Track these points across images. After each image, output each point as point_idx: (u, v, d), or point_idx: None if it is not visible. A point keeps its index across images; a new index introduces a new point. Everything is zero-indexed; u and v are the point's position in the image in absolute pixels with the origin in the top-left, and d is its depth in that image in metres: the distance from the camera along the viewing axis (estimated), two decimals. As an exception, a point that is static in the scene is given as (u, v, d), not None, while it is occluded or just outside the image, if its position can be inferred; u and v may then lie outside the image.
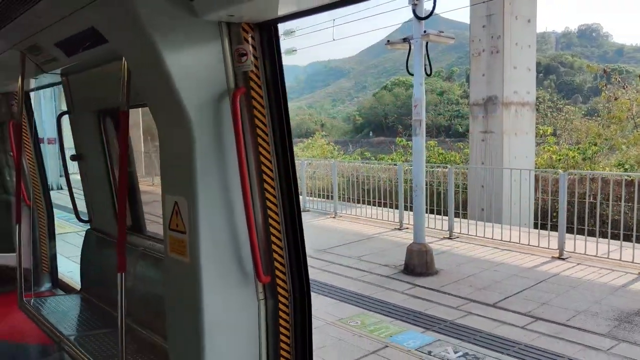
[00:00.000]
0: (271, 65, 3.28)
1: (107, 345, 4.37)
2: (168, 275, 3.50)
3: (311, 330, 3.57)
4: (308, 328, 3.55)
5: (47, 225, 7.11)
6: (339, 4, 2.85)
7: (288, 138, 3.39)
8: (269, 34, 3.25)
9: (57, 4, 3.60)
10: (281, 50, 3.46)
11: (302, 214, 3.73)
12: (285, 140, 3.41)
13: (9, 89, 7.16)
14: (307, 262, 3.51)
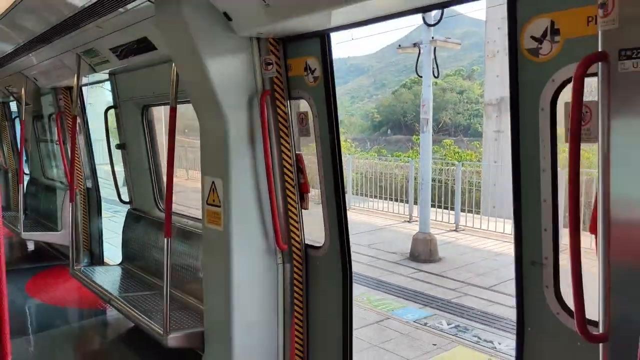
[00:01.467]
0: (323, 71, 3.78)
1: (149, 302, 5.18)
2: (205, 241, 4.28)
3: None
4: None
5: (96, 206, 7.96)
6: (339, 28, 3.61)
7: (338, 135, 3.86)
8: (323, 45, 3.74)
9: (119, 18, 4.37)
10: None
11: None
12: (335, 137, 3.87)
13: (59, 85, 8.03)
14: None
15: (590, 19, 2.45)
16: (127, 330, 5.86)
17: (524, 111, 2.78)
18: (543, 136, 2.73)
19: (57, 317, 6.40)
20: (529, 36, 2.70)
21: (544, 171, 2.76)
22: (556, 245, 2.81)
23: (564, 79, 2.61)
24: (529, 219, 2.87)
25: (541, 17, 2.65)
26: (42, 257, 9.21)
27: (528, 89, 2.75)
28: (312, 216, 4.31)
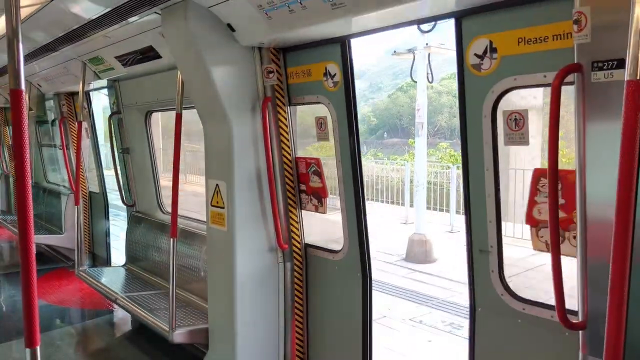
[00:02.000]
0: (344, 76, 3.86)
1: (154, 301, 5.35)
2: (209, 241, 4.47)
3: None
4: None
5: (103, 210, 8.12)
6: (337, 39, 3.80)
7: (357, 139, 3.90)
8: (344, 50, 3.80)
9: (125, 28, 4.56)
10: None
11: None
12: (355, 141, 3.93)
13: (62, 91, 8.22)
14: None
15: (520, 39, 2.83)
16: (131, 330, 6.04)
17: (470, 118, 3.16)
18: (486, 139, 3.09)
19: (63, 317, 6.57)
20: (473, 53, 3.08)
21: (487, 170, 3.13)
22: (499, 235, 3.17)
23: (502, 90, 2.98)
24: (477, 212, 3.24)
25: (482, 38, 3.01)
26: (44, 260, 9.37)
27: (473, 99, 3.12)
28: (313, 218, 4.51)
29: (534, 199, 2.97)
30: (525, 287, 5.30)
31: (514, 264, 7.84)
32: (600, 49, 2.35)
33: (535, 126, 11.42)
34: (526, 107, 3.06)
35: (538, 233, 2.99)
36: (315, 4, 3.28)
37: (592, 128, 2.44)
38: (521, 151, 22.09)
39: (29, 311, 2.15)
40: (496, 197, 3.15)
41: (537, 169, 2.98)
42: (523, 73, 2.89)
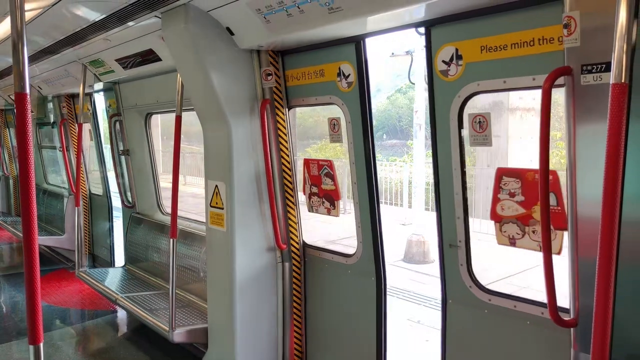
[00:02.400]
0: (358, 76, 3.80)
1: (153, 302, 5.41)
2: (209, 241, 4.52)
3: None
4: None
5: (107, 212, 8.16)
6: (330, 42, 3.86)
7: (372, 141, 3.85)
8: (359, 50, 3.71)
9: (126, 31, 4.62)
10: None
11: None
12: (370, 142, 3.92)
13: (62, 93, 8.27)
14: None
15: (483, 47, 3.01)
16: (131, 330, 6.09)
17: (439, 121, 3.36)
18: (453, 141, 3.28)
19: (64, 318, 6.62)
20: (441, 60, 3.27)
21: (455, 169, 3.34)
22: (467, 230, 3.37)
23: (467, 94, 3.18)
24: (446, 210, 3.45)
25: (449, 45, 3.18)
26: (45, 262, 9.42)
27: (441, 103, 3.32)
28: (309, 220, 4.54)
29: (497, 197, 3.15)
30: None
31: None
32: (590, 53, 2.41)
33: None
34: (489, 111, 3.27)
35: (501, 228, 3.17)
36: (312, 8, 3.34)
37: (582, 129, 2.50)
38: (520, 153, 22.07)
39: (33, 309, 2.20)
40: (463, 195, 3.37)
41: (500, 168, 3.15)
42: (485, 79, 3.07)
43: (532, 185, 2.98)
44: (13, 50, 2.16)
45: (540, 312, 3.07)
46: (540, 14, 2.81)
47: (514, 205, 3.07)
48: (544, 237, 2.62)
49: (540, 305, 3.08)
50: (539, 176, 2.58)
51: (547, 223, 2.60)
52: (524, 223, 3.05)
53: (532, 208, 2.99)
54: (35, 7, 4.14)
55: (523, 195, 3.03)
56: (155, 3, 3.79)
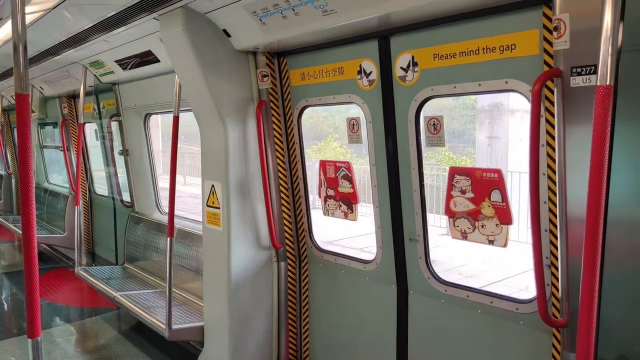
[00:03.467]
0: (382, 74, 3.63)
1: (151, 300, 5.46)
2: (205, 240, 4.58)
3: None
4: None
5: (112, 211, 8.18)
6: (330, 43, 3.90)
7: (395, 142, 3.71)
8: (382, 46, 3.57)
9: (125, 32, 4.68)
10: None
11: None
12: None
13: (62, 93, 8.34)
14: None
15: (435, 55, 3.28)
16: (129, 328, 6.15)
17: (398, 123, 3.56)
18: (411, 142, 3.51)
19: (62, 315, 6.68)
20: (399, 67, 3.48)
21: (413, 169, 3.57)
22: (425, 225, 3.59)
23: (422, 98, 3.39)
24: (406, 206, 3.65)
25: (406, 53, 3.39)
26: (45, 260, 9.49)
27: (400, 107, 3.53)
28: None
29: (450, 194, 3.35)
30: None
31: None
32: (579, 55, 2.47)
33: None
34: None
35: (455, 223, 3.37)
36: (306, 10, 3.40)
37: (572, 131, 2.56)
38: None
39: (31, 304, 2.26)
40: (421, 192, 3.59)
41: (452, 167, 3.40)
42: (438, 84, 3.29)
43: (480, 183, 3.18)
44: (14, 52, 2.22)
45: (489, 301, 3.30)
46: (485, 25, 3.00)
47: (465, 201, 3.29)
48: (534, 237, 2.67)
49: (489, 295, 3.32)
50: (530, 178, 2.64)
51: (538, 224, 2.65)
52: (473, 218, 3.25)
53: (481, 204, 3.20)
54: (37, 10, 4.21)
55: (473, 192, 3.23)
56: (153, 5, 3.85)
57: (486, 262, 10.30)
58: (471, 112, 54.97)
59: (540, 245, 2.71)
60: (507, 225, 3.15)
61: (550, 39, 2.70)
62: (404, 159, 3.62)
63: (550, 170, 2.81)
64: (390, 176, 3.74)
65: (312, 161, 22.56)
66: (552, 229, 2.87)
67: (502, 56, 2.96)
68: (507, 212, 3.13)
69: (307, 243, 4.58)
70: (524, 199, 15.86)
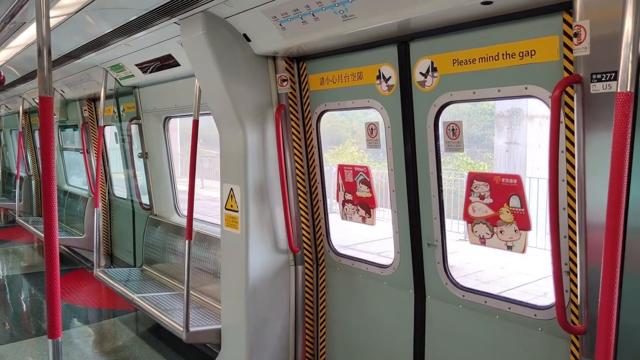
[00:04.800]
0: (401, 78, 3.61)
1: (169, 302, 5.50)
2: (223, 243, 4.60)
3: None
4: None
5: (131, 214, 8.27)
6: (349, 48, 3.91)
7: (414, 147, 3.69)
8: (401, 51, 3.56)
9: (146, 36, 4.74)
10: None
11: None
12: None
13: (83, 96, 8.47)
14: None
15: (454, 61, 3.29)
16: (147, 330, 6.20)
17: (417, 128, 3.57)
18: (430, 147, 3.54)
19: (81, 316, 6.76)
20: (418, 72, 3.49)
21: (432, 174, 3.57)
22: (443, 230, 3.59)
23: (442, 104, 3.42)
24: (425, 211, 3.65)
25: (425, 58, 3.41)
26: (65, 261, 9.62)
27: (419, 112, 3.54)
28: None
29: (469, 199, 3.34)
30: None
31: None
32: (599, 61, 2.44)
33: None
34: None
35: (473, 229, 3.36)
36: (326, 15, 3.41)
37: (592, 137, 2.53)
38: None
39: (52, 305, 2.30)
40: (439, 198, 3.58)
41: (471, 172, 3.39)
42: (457, 89, 3.30)
43: (499, 189, 3.17)
44: (38, 56, 2.26)
45: (507, 307, 3.28)
46: (505, 31, 2.99)
47: (484, 207, 3.28)
48: (553, 243, 2.65)
49: (508, 301, 3.29)
50: (549, 185, 2.62)
51: (557, 230, 2.63)
52: (492, 224, 3.24)
53: (499, 210, 3.19)
54: (60, 13, 4.28)
55: (491, 198, 3.22)
56: (174, 10, 3.89)
57: (504, 268, 10.21)
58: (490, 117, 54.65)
59: (559, 251, 2.68)
60: (525, 231, 3.14)
61: (570, 45, 2.68)
62: (422, 164, 3.61)
63: (569, 177, 2.79)
64: (409, 181, 3.73)
65: (329, 165, 22.56)
66: (571, 235, 2.84)
67: (521, 62, 2.95)
68: (526, 217, 3.12)
69: (325, 247, 4.57)
70: (542, 205, 15.74)
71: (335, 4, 3.28)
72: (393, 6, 3.08)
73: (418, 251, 3.76)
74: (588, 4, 2.45)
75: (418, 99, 3.54)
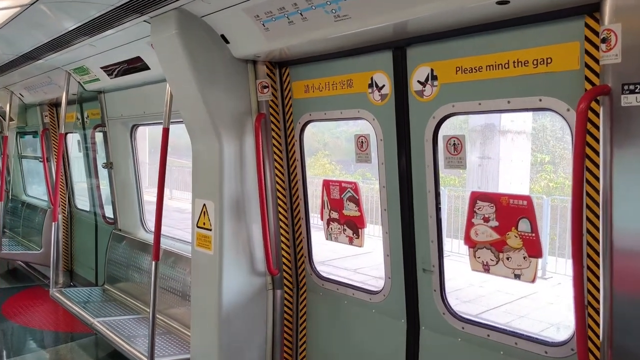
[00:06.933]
0: (396, 87, 3.33)
1: (132, 327, 5.03)
2: (194, 265, 4.18)
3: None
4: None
5: (94, 228, 7.72)
6: (338, 53, 3.58)
7: (409, 162, 3.39)
8: (397, 57, 3.28)
9: (112, 36, 4.33)
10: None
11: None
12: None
13: (44, 101, 7.94)
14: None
15: (458, 68, 2.96)
16: (106, 354, 5.69)
17: (413, 142, 3.25)
18: (427, 162, 3.22)
19: (34, 340, 6.19)
20: (416, 80, 3.18)
21: (429, 192, 3.24)
22: (441, 254, 3.26)
23: (442, 116, 3.11)
24: (420, 233, 3.32)
25: (424, 65, 3.10)
26: (19, 278, 8.97)
27: (416, 124, 3.22)
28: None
29: (471, 221, 3.04)
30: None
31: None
32: (632, 70, 2.16)
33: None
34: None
35: (475, 254, 3.05)
36: (316, 15, 3.07)
37: (620, 155, 2.24)
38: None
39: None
40: (437, 218, 3.26)
41: (473, 192, 3.07)
42: (460, 100, 2.99)
43: (507, 211, 2.89)
44: None
45: (514, 342, 2.95)
46: (516, 36, 2.71)
47: (488, 230, 2.98)
48: (575, 272, 2.35)
49: (514, 335, 2.97)
50: (572, 206, 2.32)
51: (580, 257, 2.33)
52: (497, 249, 2.96)
53: (507, 234, 2.90)
54: (13, 4, 3.83)
55: (497, 221, 2.93)
56: (144, 6, 3.51)
57: (483, 286, 10.02)
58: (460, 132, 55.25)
59: (583, 282, 2.39)
60: (536, 258, 2.84)
61: (594, 52, 2.41)
62: (418, 180, 3.29)
63: (589, 200, 2.50)
64: (403, 199, 3.39)
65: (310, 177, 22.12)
66: (590, 264, 2.55)
67: (535, 71, 2.66)
68: (536, 243, 2.82)
69: (307, 269, 4.20)
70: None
71: (327, 2, 2.94)
72: (394, 6, 2.76)
73: (412, 277, 3.42)
74: (620, 6, 2.17)
75: (415, 109, 3.23)
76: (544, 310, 8.40)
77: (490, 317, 8.05)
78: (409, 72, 3.22)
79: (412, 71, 3.20)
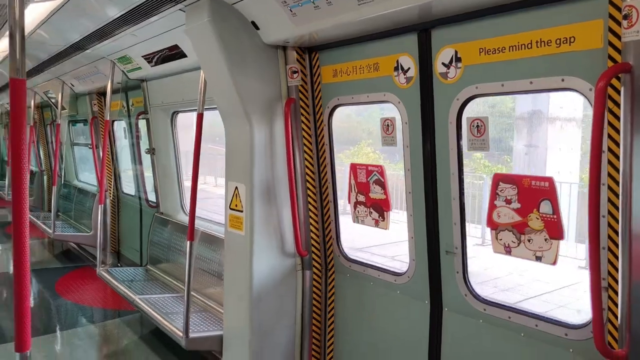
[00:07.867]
0: (421, 70, 3.34)
1: (171, 305, 5.25)
2: (227, 245, 4.33)
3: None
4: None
5: (139, 211, 8.06)
6: (364, 37, 3.61)
7: (433, 145, 3.41)
8: (422, 40, 3.27)
9: (152, 25, 4.50)
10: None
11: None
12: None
13: (92, 90, 8.29)
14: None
15: (481, 50, 2.97)
16: (149, 332, 5.97)
17: (438, 125, 3.25)
18: (451, 145, 3.22)
19: (83, 316, 6.55)
20: (440, 62, 3.18)
21: (452, 174, 3.25)
22: (464, 237, 3.28)
23: (466, 97, 3.11)
24: (443, 215, 3.33)
25: (448, 47, 3.15)
26: (71, 258, 9.46)
27: (440, 107, 3.22)
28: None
29: (493, 203, 3.02)
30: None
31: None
32: None
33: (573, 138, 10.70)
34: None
35: (497, 236, 3.04)
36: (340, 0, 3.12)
37: None
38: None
39: (21, 314, 2.04)
40: (460, 200, 3.27)
41: (497, 174, 3.05)
42: (483, 82, 2.99)
43: (528, 192, 2.87)
44: (10, 38, 2.05)
45: (534, 324, 2.95)
46: (539, 16, 2.67)
47: (510, 212, 2.96)
48: (592, 255, 2.33)
49: (534, 317, 2.97)
50: (589, 189, 2.30)
51: (597, 239, 2.31)
52: (519, 231, 2.95)
53: (528, 216, 2.89)
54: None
55: (519, 203, 2.92)
56: (179, -5, 3.65)
57: (523, 275, 9.84)
58: (508, 120, 53.22)
59: (599, 264, 2.36)
60: (557, 240, 2.81)
61: (617, 29, 2.36)
62: (442, 163, 3.29)
63: (611, 180, 2.47)
64: (427, 182, 3.41)
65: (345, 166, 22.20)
66: (611, 246, 2.52)
67: (558, 50, 2.63)
68: (558, 225, 2.80)
69: (335, 251, 4.28)
70: (564, 211, 15.23)
71: (350, -14, 2.99)
72: None
73: (435, 259, 3.45)
74: (641, -19, 2.13)
75: (439, 92, 3.23)
76: (583, 301, 8.21)
77: (528, 305, 7.92)
78: (433, 54, 3.23)
79: (436, 53, 3.21)
